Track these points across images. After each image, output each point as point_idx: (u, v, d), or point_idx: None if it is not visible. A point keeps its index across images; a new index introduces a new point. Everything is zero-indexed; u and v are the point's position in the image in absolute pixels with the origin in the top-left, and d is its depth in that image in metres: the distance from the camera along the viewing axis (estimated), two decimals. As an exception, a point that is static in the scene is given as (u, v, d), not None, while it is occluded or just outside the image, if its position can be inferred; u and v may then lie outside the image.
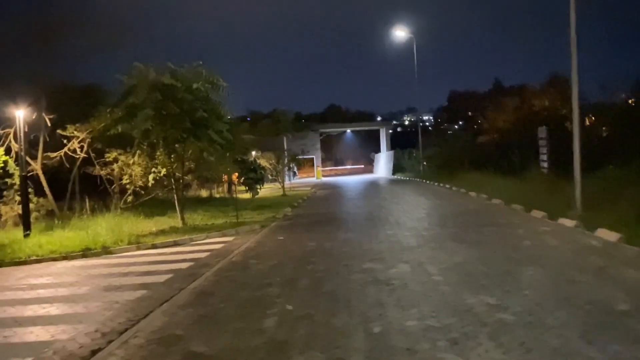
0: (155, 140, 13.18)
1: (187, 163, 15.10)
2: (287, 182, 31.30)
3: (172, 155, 13.70)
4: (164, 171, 13.88)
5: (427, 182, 29.64)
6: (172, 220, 14.54)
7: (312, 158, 51.51)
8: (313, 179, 48.32)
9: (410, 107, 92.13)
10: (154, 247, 11.11)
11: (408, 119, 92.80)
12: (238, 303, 5.98)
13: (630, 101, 31.46)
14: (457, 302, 5.39)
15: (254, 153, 30.91)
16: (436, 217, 13.06)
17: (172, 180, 13.99)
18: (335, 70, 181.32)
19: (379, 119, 74.27)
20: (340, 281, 6.68)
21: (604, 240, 8.57)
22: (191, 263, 8.87)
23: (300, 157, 38.50)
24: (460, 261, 7.47)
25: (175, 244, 11.39)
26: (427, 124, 74.40)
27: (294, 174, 49.53)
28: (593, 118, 31.91)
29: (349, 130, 65.89)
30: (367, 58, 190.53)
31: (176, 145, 13.70)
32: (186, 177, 15.23)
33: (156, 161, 13.76)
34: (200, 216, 16.08)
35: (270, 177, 31.48)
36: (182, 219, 13.84)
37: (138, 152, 13.51)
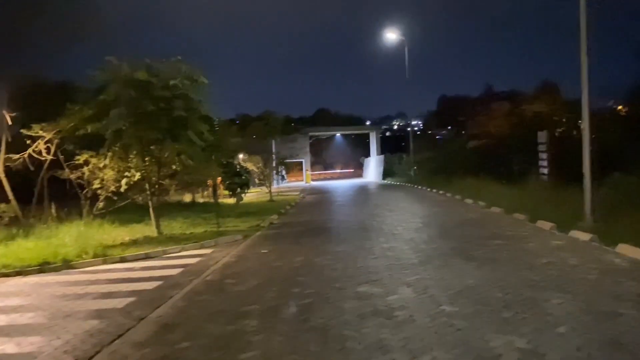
0: (128, 142, 12.00)
1: (173, 166, 13.92)
2: (275, 186, 30.14)
3: (147, 158, 12.51)
4: (138, 175, 12.67)
5: (419, 187, 28.68)
6: (149, 228, 13.33)
7: (301, 162, 50.43)
8: (302, 183, 47.24)
9: (400, 111, 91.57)
10: (123, 260, 9.92)
11: (397, 123, 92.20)
12: (206, 341, 4.84)
13: (619, 107, 30.93)
14: (479, 344, 4.32)
15: (241, 156, 29.76)
16: (435, 228, 12.01)
17: (147, 185, 12.78)
18: (324, 74, 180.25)
19: (368, 123, 73.49)
20: (332, 311, 5.57)
21: (630, 258, 7.57)
22: (159, 282, 7.71)
23: (288, 160, 37.37)
24: (472, 284, 6.40)
25: (147, 257, 10.19)
26: (416, 129, 73.74)
27: (283, 177, 48.48)
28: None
29: (338, 134, 64.98)
30: (357, 62, 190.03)
31: (152, 147, 12.53)
32: (163, 182, 14.06)
33: (130, 164, 12.56)
34: (180, 224, 14.89)
35: (257, 181, 30.36)
36: (158, 227, 12.64)
37: (109, 154, 12.31)
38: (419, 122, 79.29)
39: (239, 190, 18.45)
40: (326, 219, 15.34)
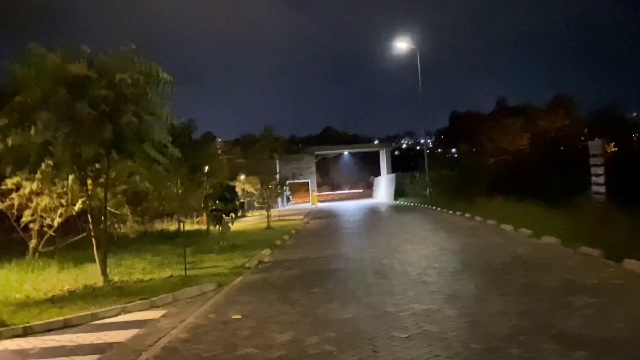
0: (60, 159, 8.88)
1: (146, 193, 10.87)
2: (279, 209, 27.05)
3: (89, 181, 9.34)
4: (79, 205, 9.50)
5: (437, 209, 25.37)
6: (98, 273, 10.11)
7: (307, 182, 47.37)
8: (308, 205, 44.08)
9: (408, 130, 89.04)
10: (25, 333, 6.66)
11: (406, 142, 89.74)
12: None
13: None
14: None
15: (242, 177, 26.91)
16: (481, 272, 8.65)
17: (89, 217, 9.56)
18: (331, 94, 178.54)
19: (376, 142, 70.80)
20: None
21: None
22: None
23: (291, 181, 34.32)
24: None
25: (65, 325, 6.92)
26: (425, 147, 70.96)
27: (288, 199, 45.25)
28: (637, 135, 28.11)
29: (346, 152, 62.00)
30: (365, 82, 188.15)
31: (97, 166, 9.39)
32: (118, 211, 10.92)
33: (65, 189, 9.40)
34: (145, 264, 11.63)
35: (256, 204, 27.33)
36: (104, 273, 9.38)
37: (38, 176, 9.18)
38: (428, 141, 76.45)
39: (225, 218, 15.28)
40: (330, 255, 12.02)
